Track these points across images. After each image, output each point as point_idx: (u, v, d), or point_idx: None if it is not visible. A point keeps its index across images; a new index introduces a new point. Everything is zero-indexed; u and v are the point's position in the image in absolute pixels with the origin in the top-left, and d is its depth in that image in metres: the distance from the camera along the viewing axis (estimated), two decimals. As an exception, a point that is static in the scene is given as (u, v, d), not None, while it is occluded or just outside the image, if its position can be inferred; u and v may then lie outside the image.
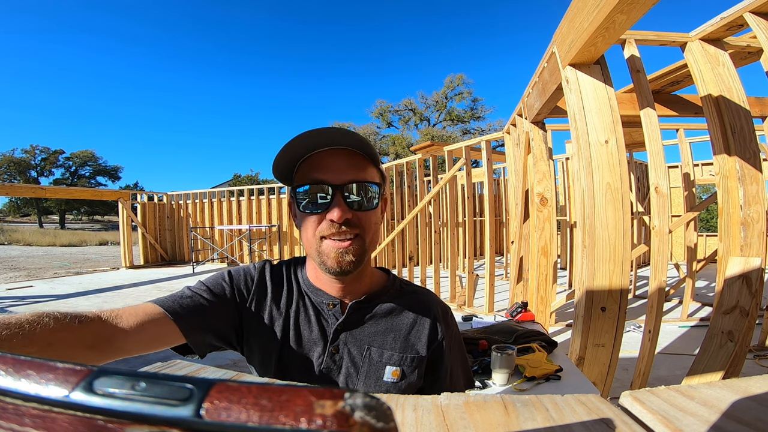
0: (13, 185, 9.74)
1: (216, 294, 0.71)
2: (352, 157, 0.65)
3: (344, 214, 0.62)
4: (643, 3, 1.31)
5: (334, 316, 0.71)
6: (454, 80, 26.85)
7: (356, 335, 0.71)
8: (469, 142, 4.64)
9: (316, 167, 0.64)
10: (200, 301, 0.68)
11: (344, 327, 0.71)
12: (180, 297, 0.68)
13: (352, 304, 0.72)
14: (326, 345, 0.70)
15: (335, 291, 0.72)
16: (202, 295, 0.69)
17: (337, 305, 0.72)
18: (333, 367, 0.69)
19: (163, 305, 0.64)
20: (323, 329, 0.71)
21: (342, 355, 0.70)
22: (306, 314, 0.73)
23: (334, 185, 0.63)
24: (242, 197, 9.74)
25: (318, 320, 0.72)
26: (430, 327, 0.74)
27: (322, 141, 0.64)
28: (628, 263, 1.70)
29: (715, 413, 0.29)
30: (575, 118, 1.80)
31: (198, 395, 0.13)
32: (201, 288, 0.71)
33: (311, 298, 0.73)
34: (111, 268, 9.88)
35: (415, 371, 0.71)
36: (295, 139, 0.62)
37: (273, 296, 0.74)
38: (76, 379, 0.13)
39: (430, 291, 0.81)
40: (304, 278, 0.76)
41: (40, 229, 27.56)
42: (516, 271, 3.78)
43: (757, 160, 1.84)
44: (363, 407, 0.12)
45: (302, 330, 0.72)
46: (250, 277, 0.75)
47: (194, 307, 0.67)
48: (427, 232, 6.04)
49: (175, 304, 0.66)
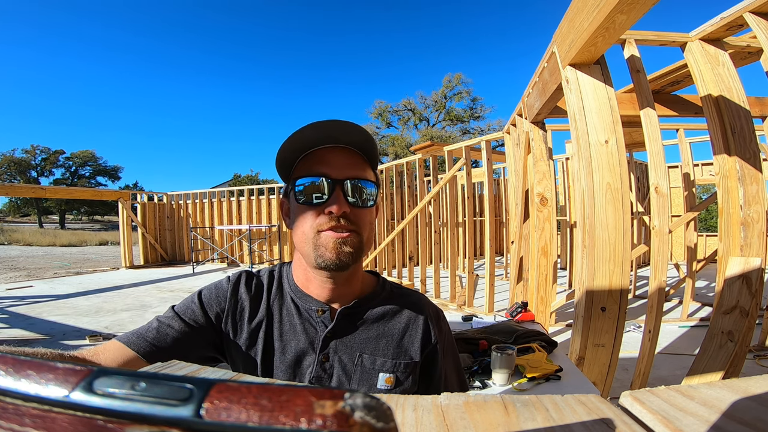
0: (13, 185, 9.73)
1: (186, 321, 0.68)
2: (352, 156, 0.66)
3: (343, 207, 0.62)
4: (643, 3, 1.31)
5: (323, 323, 0.69)
6: (453, 80, 26.83)
7: (347, 342, 0.69)
8: (469, 142, 4.64)
9: (318, 161, 0.64)
10: (169, 332, 0.66)
11: (334, 334, 0.69)
12: (146, 332, 0.66)
13: (342, 310, 0.69)
14: (316, 353, 0.68)
15: (324, 295, 0.69)
16: (171, 326, 0.67)
17: (327, 311, 0.69)
18: (324, 376, 0.67)
19: (131, 345, 0.63)
20: (311, 337, 0.69)
21: (333, 364, 0.67)
22: (291, 322, 0.70)
23: (334, 179, 0.63)
24: (242, 197, 9.74)
25: (305, 328, 0.69)
26: (423, 331, 0.72)
27: (325, 138, 0.64)
28: (628, 263, 1.70)
29: (715, 413, 0.29)
30: (575, 118, 1.80)
31: (198, 395, 0.13)
32: (171, 318, 0.69)
33: (298, 304, 0.71)
34: (111, 268, 9.88)
35: (409, 377, 0.69)
36: (300, 132, 0.62)
37: (251, 308, 0.71)
38: (76, 379, 0.13)
39: (421, 294, 0.79)
40: (291, 284, 0.73)
41: (40, 229, 27.56)
42: (516, 271, 3.78)
43: (757, 160, 1.84)
44: (363, 407, 0.12)
45: (288, 339, 0.69)
46: (222, 293, 0.72)
47: (163, 342, 0.65)
48: (427, 232, 6.04)
49: (142, 341, 0.64)
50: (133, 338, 0.65)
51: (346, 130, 0.63)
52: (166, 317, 0.69)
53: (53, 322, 4.55)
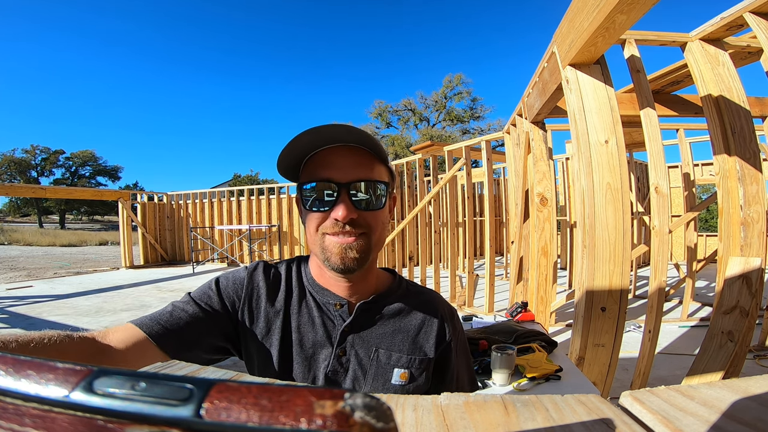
0: (13, 185, 9.73)
1: (201, 307, 0.67)
2: (359, 155, 0.63)
3: (349, 213, 0.60)
4: (643, 3, 1.31)
5: (341, 317, 0.69)
6: (453, 80, 26.84)
7: (364, 337, 0.69)
8: (469, 142, 4.64)
9: (322, 165, 0.63)
10: (182, 316, 0.65)
11: (352, 328, 0.69)
12: (160, 315, 0.65)
13: (361, 305, 0.69)
14: (333, 347, 0.67)
15: (341, 290, 0.69)
16: (185, 310, 0.66)
17: (345, 306, 0.69)
18: (340, 369, 0.67)
19: (143, 327, 0.63)
20: (329, 331, 0.69)
21: (349, 358, 0.67)
22: (310, 315, 0.70)
23: (340, 183, 0.61)
24: (242, 197, 9.74)
25: (323, 321, 0.69)
26: (438, 328, 0.72)
27: (328, 138, 0.62)
28: (628, 263, 1.70)
29: (715, 413, 0.29)
30: (575, 118, 1.80)
31: (198, 395, 0.13)
32: (187, 303, 0.68)
33: (316, 297, 0.71)
34: (111, 268, 9.88)
35: (423, 373, 0.69)
36: (301, 136, 0.60)
37: (268, 297, 0.71)
38: (76, 379, 0.13)
39: (436, 292, 0.80)
40: (309, 277, 0.73)
41: (40, 229, 27.56)
42: (516, 271, 3.78)
43: (757, 160, 1.84)
44: (363, 407, 0.12)
45: (306, 331, 0.69)
46: (239, 281, 0.72)
47: (176, 325, 0.64)
48: (427, 232, 6.04)
49: (155, 324, 0.63)
50: (146, 321, 0.64)
51: (348, 130, 0.61)
52: (182, 302, 0.68)
53: (53, 322, 4.55)
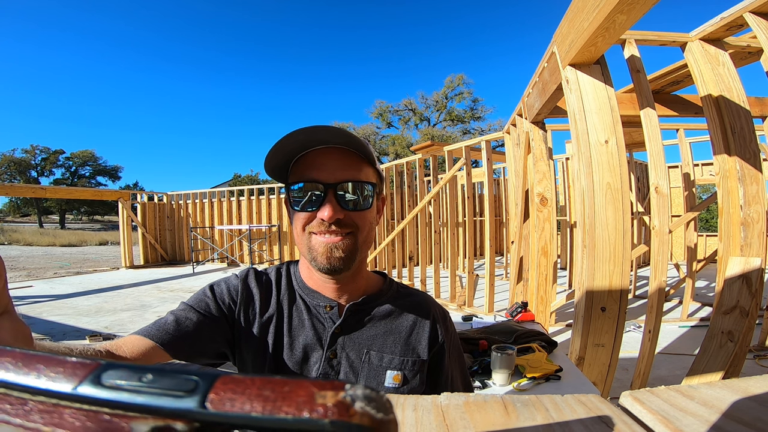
0: (13, 185, 9.74)
1: (201, 313, 0.68)
2: (347, 157, 0.64)
3: (336, 213, 0.61)
4: (643, 3, 1.32)
5: (331, 319, 0.69)
6: (455, 80, 26.82)
7: (355, 339, 0.69)
8: (469, 142, 4.65)
9: (310, 166, 0.63)
10: (188, 324, 0.66)
11: (342, 330, 0.68)
12: (166, 325, 0.65)
13: (350, 306, 0.69)
14: (323, 349, 0.67)
15: (331, 292, 0.69)
16: (188, 317, 0.67)
17: (335, 308, 0.69)
18: (331, 372, 0.67)
19: (152, 337, 0.63)
20: (319, 333, 0.68)
21: (340, 360, 0.67)
22: (300, 318, 0.70)
23: (326, 184, 0.61)
24: (242, 197, 9.75)
25: (313, 324, 0.69)
26: (431, 329, 0.72)
27: (315, 139, 0.62)
28: (628, 263, 1.70)
29: (715, 413, 0.29)
30: (575, 118, 1.80)
31: (203, 387, 0.13)
32: (186, 310, 0.68)
33: (306, 300, 0.71)
34: (111, 268, 9.89)
35: (417, 375, 0.69)
36: (289, 137, 0.59)
37: (261, 303, 0.71)
38: (84, 372, 0.13)
39: (427, 294, 0.80)
40: (298, 280, 0.73)
41: (40, 229, 27.57)
42: (516, 271, 3.78)
43: (757, 160, 1.84)
44: (363, 398, 0.12)
45: (297, 335, 0.69)
46: (233, 287, 0.72)
47: (185, 333, 0.65)
48: (427, 232, 6.04)
49: (164, 333, 0.64)
50: (153, 330, 0.64)
51: (334, 132, 0.60)
52: (181, 310, 0.69)
53: (53, 322, 4.55)
